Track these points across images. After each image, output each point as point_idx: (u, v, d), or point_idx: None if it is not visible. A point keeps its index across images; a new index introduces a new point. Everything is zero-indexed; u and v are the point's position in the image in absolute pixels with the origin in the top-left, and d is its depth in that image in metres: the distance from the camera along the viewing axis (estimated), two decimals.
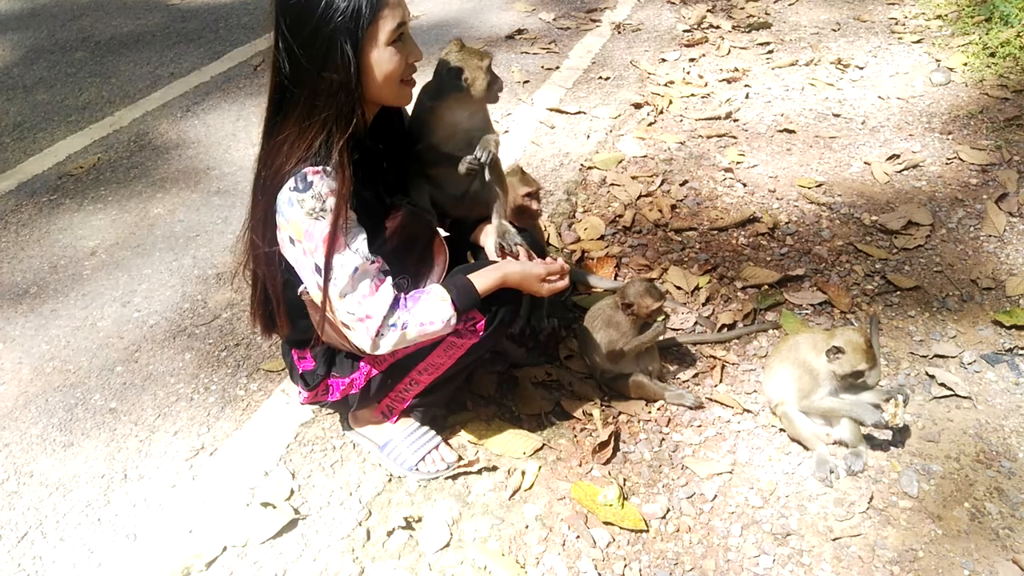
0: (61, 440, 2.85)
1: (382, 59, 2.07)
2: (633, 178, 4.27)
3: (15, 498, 2.62)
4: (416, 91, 2.38)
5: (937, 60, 5.41)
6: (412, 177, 2.56)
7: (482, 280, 2.28)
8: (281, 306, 2.33)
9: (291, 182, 2.05)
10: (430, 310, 2.17)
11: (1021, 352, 3.02)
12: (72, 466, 2.74)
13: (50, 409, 2.98)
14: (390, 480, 2.62)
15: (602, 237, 3.83)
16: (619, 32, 6.41)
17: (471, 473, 2.62)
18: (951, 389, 2.85)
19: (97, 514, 2.55)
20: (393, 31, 2.05)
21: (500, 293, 2.33)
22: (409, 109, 2.54)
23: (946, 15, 6.14)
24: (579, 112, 5.07)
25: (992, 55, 5.29)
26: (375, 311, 2.11)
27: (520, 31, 6.46)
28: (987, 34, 5.53)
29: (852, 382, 2.57)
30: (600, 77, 5.58)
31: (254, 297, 2.41)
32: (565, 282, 2.44)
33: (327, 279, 2.09)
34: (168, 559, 2.37)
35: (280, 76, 2.09)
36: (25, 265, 3.81)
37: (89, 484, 2.66)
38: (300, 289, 2.24)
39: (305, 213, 2.05)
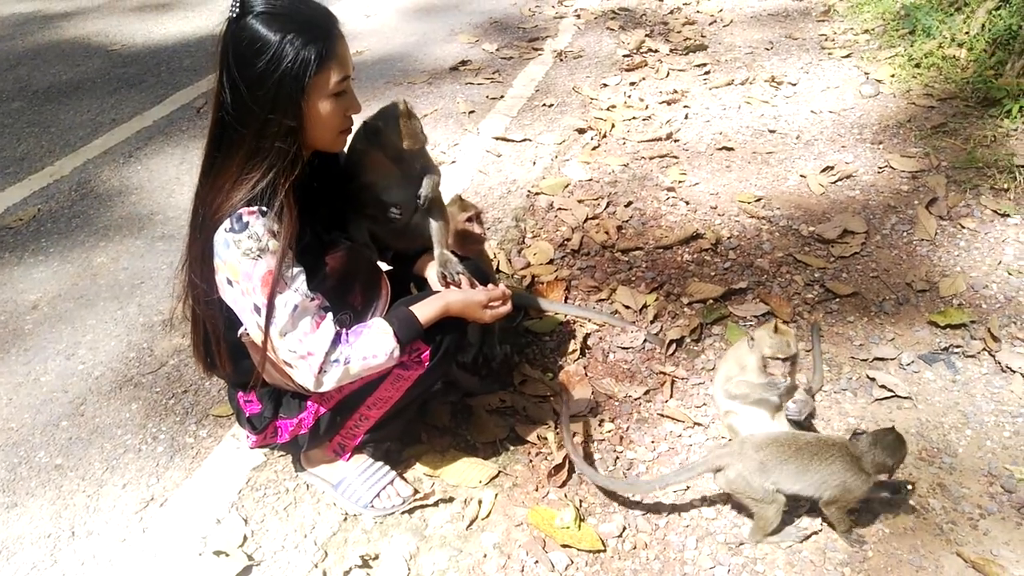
0: (4, 501, 2.77)
1: (324, 109, 2.11)
2: (579, 202, 4.33)
3: None
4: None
5: (866, 73, 5.58)
6: (351, 212, 2.57)
7: (424, 310, 2.30)
8: (222, 346, 2.32)
9: (226, 223, 2.05)
10: (372, 344, 2.18)
11: (957, 350, 3.11)
12: (16, 527, 2.67)
13: None
14: (345, 519, 2.60)
15: (551, 261, 3.87)
16: (561, 59, 6.51)
17: (427, 506, 2.61)
18: (892, 390, 2.92)
19: (43, 575, 2.49)
20: (337, 83, 2.09)
21: (444, 322, 2.35)
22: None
23: (873, 29, 6.34)
24: (524, 139, 5.13)
25: (917, 66, 5.47)
26: (317, 348, 2.11)
27: (464, 62, 6.53)
28: (912, 46, 5.73)
29: (772, 369, 2.57)
30: (544, 104, 5.66)
31: (195, 336, 2.39)
32: (508, 307, 2.47)
33: (268, 318, 2.09)
34: None
35: (222, 112, 2.10)
36: None
37: (35, 545, 2.59)
38: (240, 331, 2.23)
39: (241, 254, 2.05)
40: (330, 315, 2.17)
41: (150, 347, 3.48)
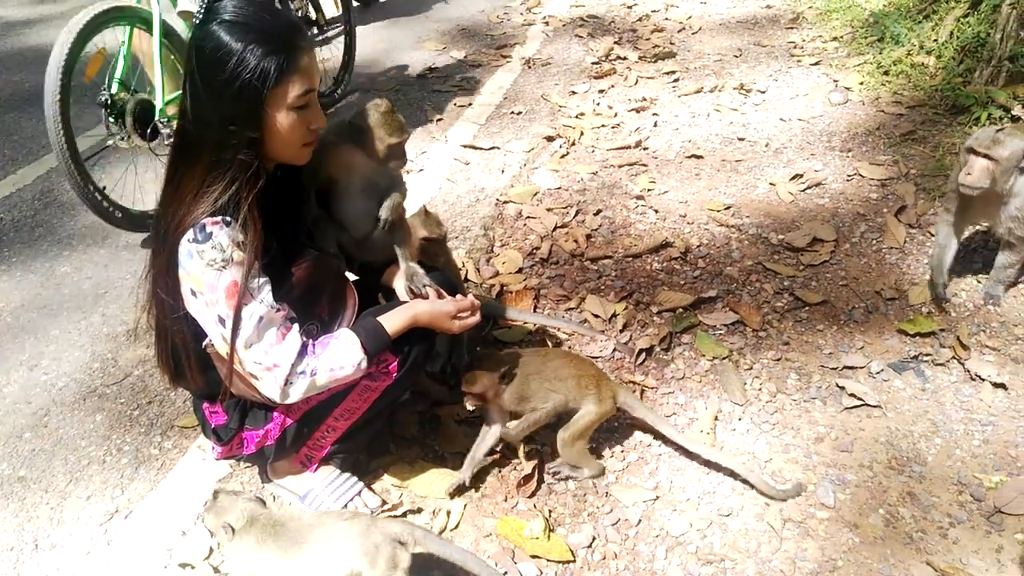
0: None
1: (284, 122, 2.08)
2: (548, 210, 4.33)
3: None
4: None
5: (835, 80, 5.64)
6: (318, 221, 2.55)
7: (391, 321, 2.28)
8: (191, 358, 2.29)
9: (189, 234, 2.02)
10: (339, 355, 2.16)
11: (926, 359, 3.13)
12: None
13: None
14: None
15: (520, 270, 3.86)
16: (529, 67, 6.52)
17: (396, 517, 2.59)
18: (861, 399, 2.94)
19: None
20: (299, 96, 2.06)
21: (412, 333, 2.33)
22: None
23: (841, 36, 6.40)
24: (493, 147, 5.12)
25: (886, 73, 5.53)
26: (282, 360, 2.08)
27: (432, 69, 6.52)
28: (880, 53, 5.80)
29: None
30: (512, 112, 5.66)
31: (159, 347, 2.35)
32: (476, 318, 2.45)
33: (233, 330, 2.06)
34: None
35: (185, 121, 2.08)
36: None
37: None
38: (205, 342, 2.20)
39: (205, 264, 2.03)
40: (296, 326, 2.14)
41: (114, 358, 3.42)
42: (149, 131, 4.16)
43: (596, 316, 3.49)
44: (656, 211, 4.28)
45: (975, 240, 3.77)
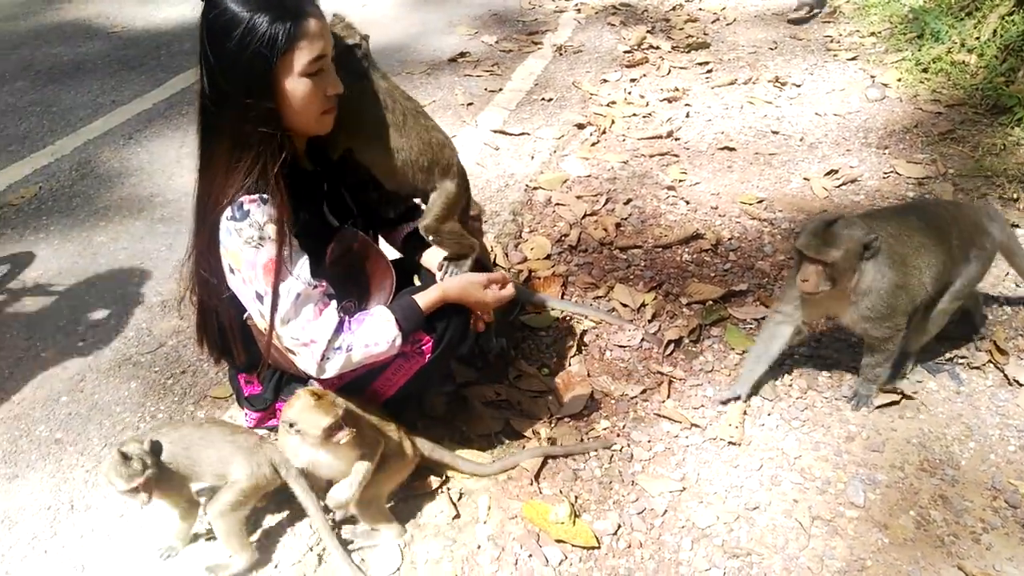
0: (5, 472, 2.79)
1: (296, 89, 2.06)
2: (578, 197, 4.32)
3: None
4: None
5: (872, 76, 5.59)
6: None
7: (424, 298, 2.29)
8: (236, 335, 2.32)
9: (228, 211, 2.05)
10: (374, 331, 2.17)
11: (961, 361, 3.09)
12: (17, 498, 2.68)
13: None
14: None
15: (548, 256, 3.86)
16: (561, 54, 6.50)
17: (421, 495, 2.61)
18: (894, 399, 2.91)
19: (44, 546, 2.51)
20: (310, 63, 2.04)
21: (448, 315, 2.34)
22: None
23: (879, 32, 6.33)
24: (523, 133, 5.12)
25: (925, 71, 5.47)
26: (319, 335, 2.10)
27: (463, 54, 6.52)
28: (919, 50, 5.73)
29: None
30: (543, 98, 5.65)
31: (203, 325, 2.39)
32: (510, 289, 2.45)
33: (271, 306, 2.08)
34: None
35: (205, 99, 2.09)
36: None
37: (35, 516, 2.61)
38: (245, 315, 2.23)
39: (243, 242, 2.05)
40: (334, 303, 2.16)
41: (149, 328, 3.48)
42: None
43: (625, 305, 3.49)
44: (687, 202, 4.27)
45: None
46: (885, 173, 4.39)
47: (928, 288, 2.75)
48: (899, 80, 5.45)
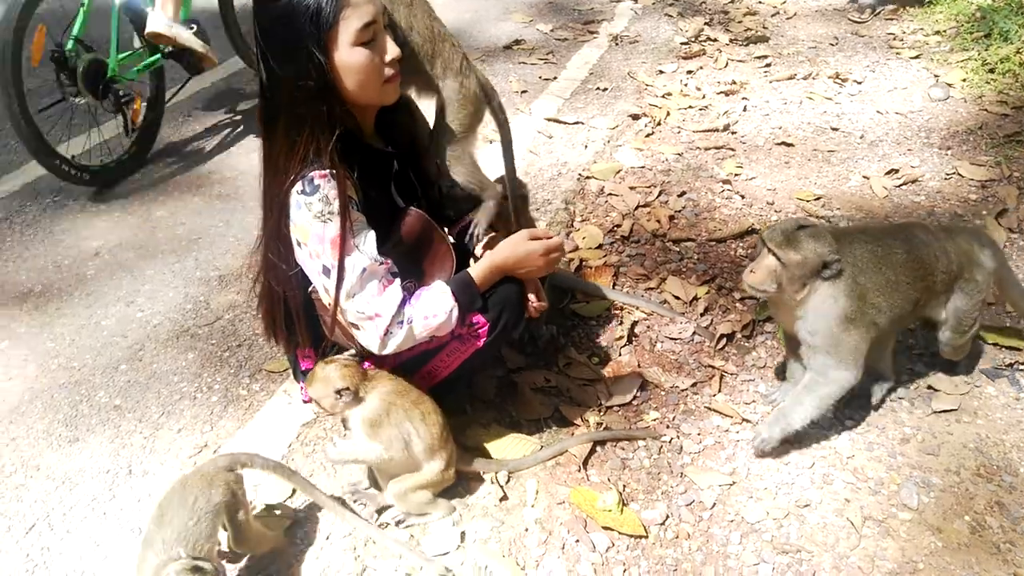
0: (67, 435, 2.87)
1: (350, 61, 2.07)
2: (631, 188, 4.30)
3: (22, 491, 2.65)
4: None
5: (936, 75, 5.47)
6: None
7: (476, 269, 2.31)
8: (301, 320, 2.36)
9: (299, 185, 2.07)
10: (432, 303, 2.19)
11: (1021, 367, 3.03)
12: (78, 461, 2.76)
13: (55, 405, 3.01)
14: None
15: (600, 246, 3.85)
16: (616, 44, 6.46)
17: (471, 475, 2.63)
18: (951, 404, 2.86)
19: (103, 508, 2.58)
20: (360, 31, 2.03)
21: (502, 298, 2.35)
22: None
23: (944, 31, 6.19)
24: (577, 122, 5.11)
25: (991, 71, 5.33)
26: (384, 310, 2.13)
27: (518, 41, 6.51)
28: (986, 50, 5.59)
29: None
30: (598, 88, 5.62)
31: (268, 310, 2.42)
32: (559, 238, 2.42)
33: (337, 280, 2.11)
34: None
35: (263, 88, 2.12)
36: (30, 264, 3.83)
37: (95, 479, 2.69)
38: (310, 288, 2.26)
39: (313, 216, 2.08)
40: (398, 280, 2.19)
41: (206, 301, 3.54)
42: (101, 88, 4.22)
43: (677, 298, 3.47)
44: (742, 196, 4.22)
45: None
46: (947, 174, 4.30)
47: (883, 328, 2.60)
48: (964, 80, 5.32)
